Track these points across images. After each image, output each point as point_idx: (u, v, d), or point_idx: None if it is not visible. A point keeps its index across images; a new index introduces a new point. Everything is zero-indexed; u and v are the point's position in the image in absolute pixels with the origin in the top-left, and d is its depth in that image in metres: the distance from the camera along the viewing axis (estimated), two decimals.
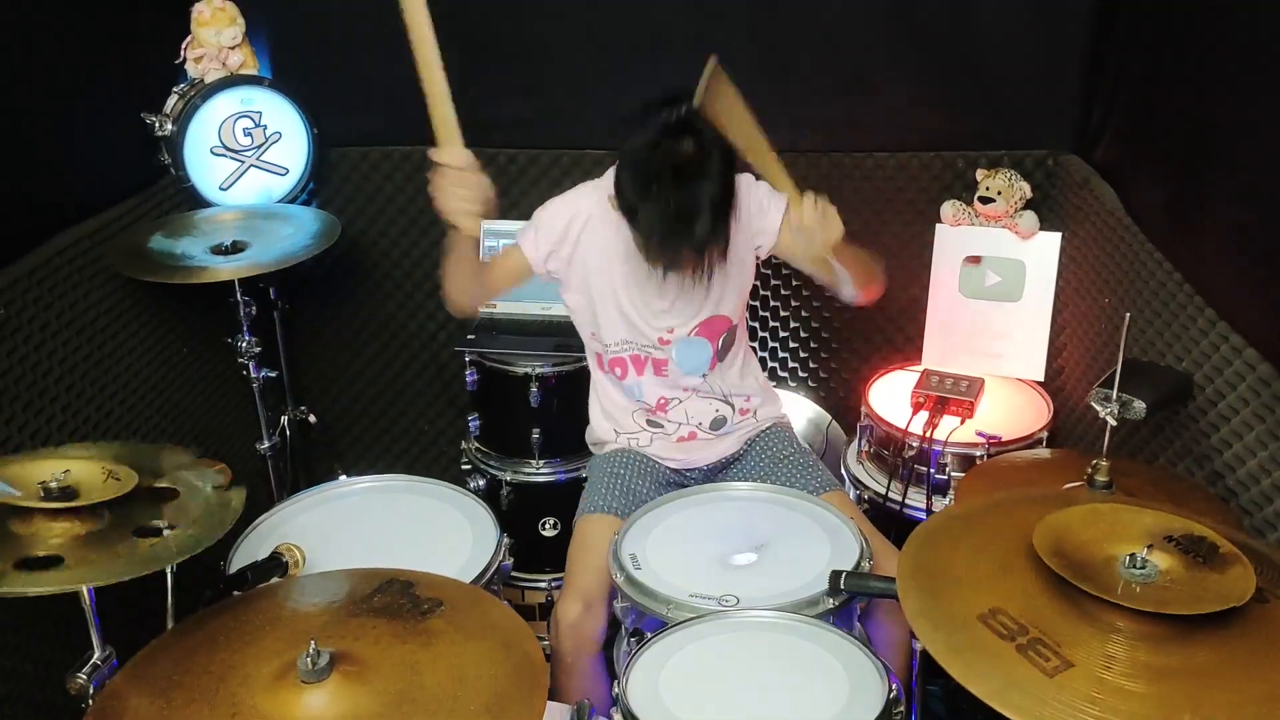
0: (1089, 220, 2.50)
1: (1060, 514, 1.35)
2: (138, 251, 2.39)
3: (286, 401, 3.03)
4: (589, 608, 2.01)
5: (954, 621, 1.27)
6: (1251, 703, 1.14)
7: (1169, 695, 1.15)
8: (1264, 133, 1.77)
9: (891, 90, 2.76)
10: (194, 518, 1.56)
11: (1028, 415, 2.57)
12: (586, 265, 2.17)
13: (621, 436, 2.32)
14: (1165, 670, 1.18)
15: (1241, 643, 1.20)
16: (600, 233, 2.14)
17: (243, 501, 1.60)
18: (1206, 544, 1.28)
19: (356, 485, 2.20)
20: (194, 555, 1.49)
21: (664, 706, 1.54)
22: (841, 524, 1.98)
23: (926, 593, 1.32)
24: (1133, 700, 1.15)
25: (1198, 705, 1.14)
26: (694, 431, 2.27)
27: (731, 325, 2.22)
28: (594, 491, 2.22)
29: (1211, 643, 1.20)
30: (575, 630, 2.00)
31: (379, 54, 2.86)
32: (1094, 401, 1.75)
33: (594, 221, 2.15)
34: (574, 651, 2.01)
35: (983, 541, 1.40)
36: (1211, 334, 1.83)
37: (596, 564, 2.00)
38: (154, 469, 1.66)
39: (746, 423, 2.31)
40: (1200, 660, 1.19)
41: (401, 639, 1.46)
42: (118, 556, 1.46)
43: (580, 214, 2.16)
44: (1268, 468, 1.62)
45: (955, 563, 1.37)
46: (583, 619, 2.00)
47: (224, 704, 1.35)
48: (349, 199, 3.01)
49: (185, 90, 2.66)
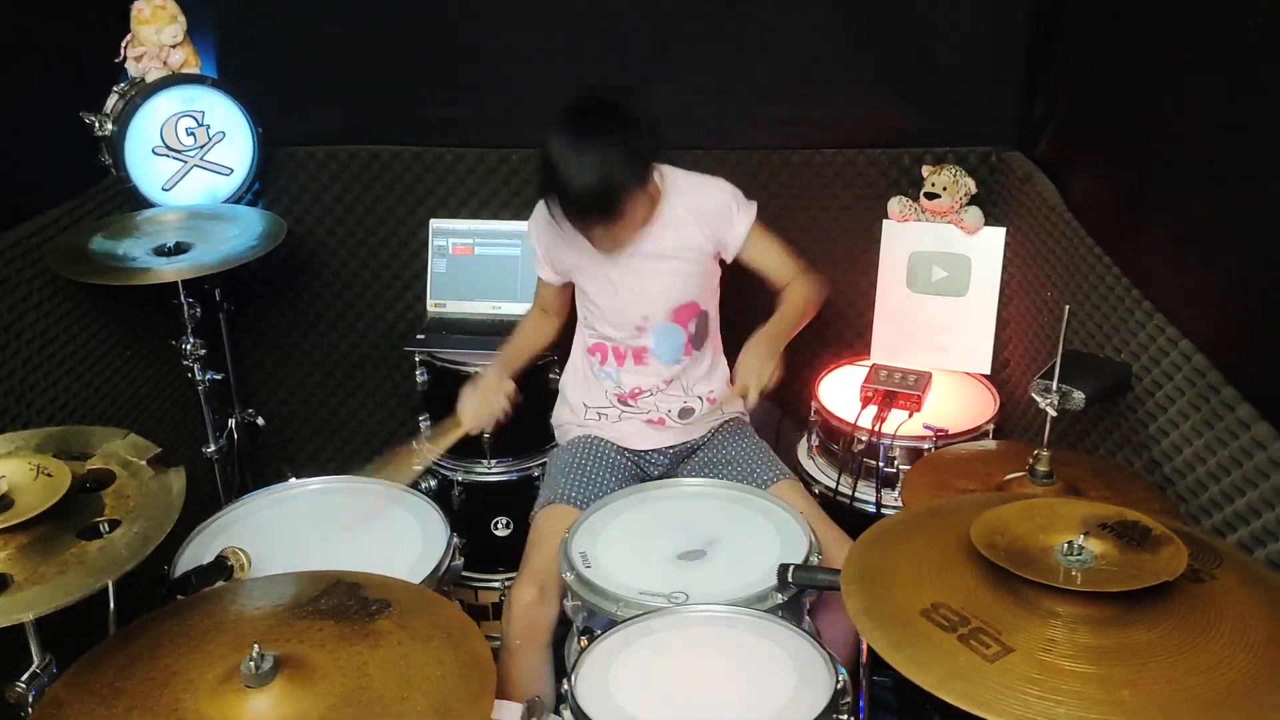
0: (1032, 215, 2.54)
1: (996, 510, 1.38)
2: (78, 253, 2.35)
3: (234, 404, 3.00)
4: (543, 593, 2.02)
5: (896, 618, 1.29)
6: (1189, 675, 1.17)
7: (1108, 674, 1.18)
8: (1200, 129, 1.81)
9: (839, 87, 2.78)
10: (136, 508, 1.52)
11: (974, 408, 2.60)
12: (570, 261, 2.29)
13: (590, 412, 2.35)
14: (1104, 650, 1.21)
15: (1177, 622, 1.24)
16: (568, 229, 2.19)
17: (183, 485, 1.56)
18: (1139, 528, 1.31)
19: (305, 487, 2.18)
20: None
21: (613, 702, 1.54)
22: (791, 518, 2.00)
23: (870, 594, 1.34)
24: (1073, 680, 1.17)
25: (1135, 682, 1.17)
26: (663, 418, 2.34)
27: (701, 311, 2.31)
28: (554, 482, 2.25)
29: (1148, 622, 1.23)
30: (527, 615, 2.01)
31: (326, 53, 2.86)
32: (1034, 393, 1.78)
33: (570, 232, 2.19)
34: (523, 637, 2.02)
35: (925, 545, 1.43)
36: (1149, 326, 1.86)
37: (554, 552, 2.01)
38: (83, 451, 1.63)
39: (712, 414, 2.37)
40: (1138, 640, 1.22)
41: (349, 641, 1.45)
42: (66, 566, 1.44)
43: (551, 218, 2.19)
44: (1202, 455, 1.65)
45: (899, 565, 1.39)
46: (536, 605, 2.01)
47: (167, 710, 1.34)
48: (296, 199, 2.98)
49: (126, 89, 2.62)
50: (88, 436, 1.66)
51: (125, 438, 1.63)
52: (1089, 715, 1.13)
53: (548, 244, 2.30)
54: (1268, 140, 1.59)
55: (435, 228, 2.91)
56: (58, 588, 1.39)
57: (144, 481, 1.55)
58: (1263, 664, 1.18)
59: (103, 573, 1.43)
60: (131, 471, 1.56)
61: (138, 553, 1.46)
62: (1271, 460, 1.45)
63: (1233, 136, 1.70)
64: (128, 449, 1.61)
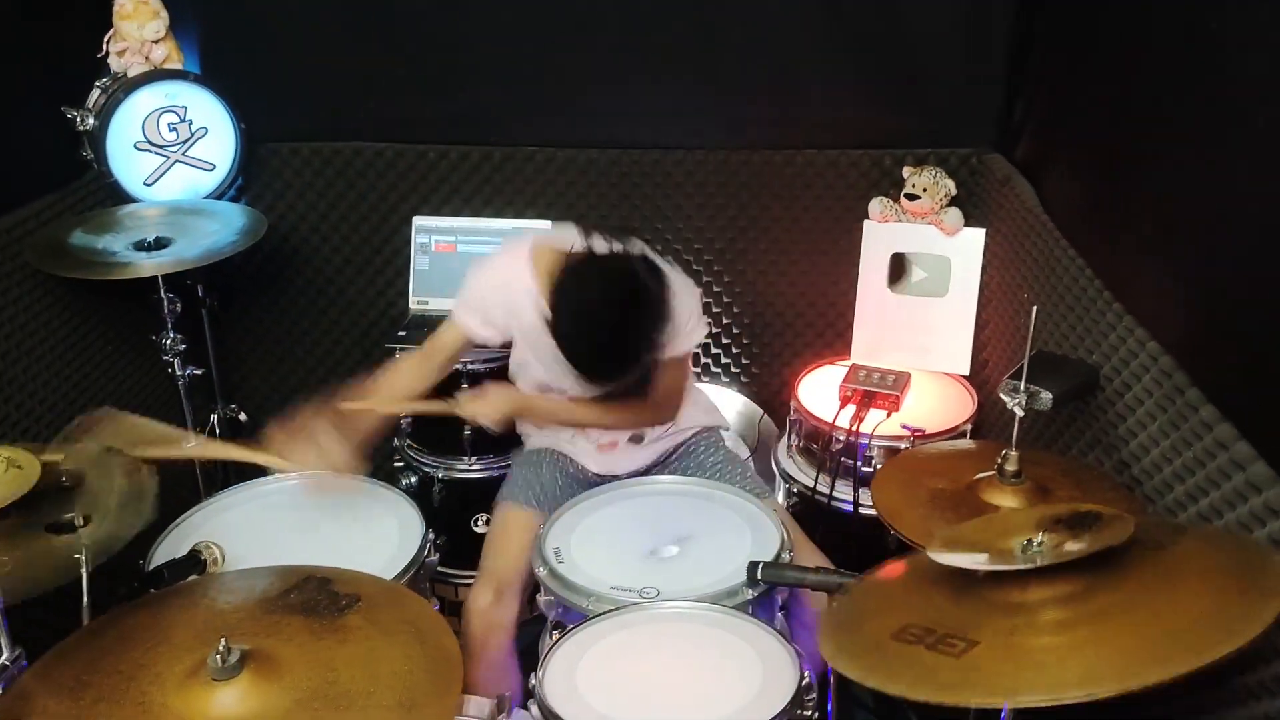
0: (1010, 217, 2.55)
1: (952, 529, 1.40)
2: (58, 248, 2.35)
3: (216, 400, 3.00)
4: (500, 595, 2.03)
5: (869, 646, 1.32)
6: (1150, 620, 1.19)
7: (1074, 639, 1.20)
8: (1173, 134, 1.82)
9: (820, 88, 2.80)
10: (105, 506, 1.53)
11: (952, 408, 2.62)
12: (514, 330, 2.16)
13: (546, 431, 2.33)
14: (1064, 624, 1.23)
15: (1139, 586, 1.25)
16: (532, 319, 2.06)
17: (155, 491, 1.57)
18: (1091, 515, 1.34)
19: (283, 483, 2.19)
20: None
21: (579, 696, 1.55)
22: (764, 515, 2.01)
23: (843, 636, 1.38)
24: (1035, 651, 1.20)
25: (1099, 640, 1.19)
26: (615, 441, 2.29)
27: None
28: (516, 482, 2.25)
29: (1111, 589, 1.24)
30: (485, 617, 2.02)
31: (310, 49, 2.86)
32: (1003, 393, 1.79)
33: (525, 308, 2.06)
34: (482, 638, 2.02)
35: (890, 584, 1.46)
36: (1119, 327, 1.88)
37: (513, 553, 2.02)
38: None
39: (666, 434, 2.32)
40: (1099, 603, 1.23)
41: (317, 635, 1.46)
42: (34, 558, 1.44)
43: (512, 290, 2.09)
44: (1169, 456, 1.66)
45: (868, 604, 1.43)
46: (494, 606, 2.02)
47: (133, 703, 1.34)
48: (279, 195, 2.98)
49: (108, 84, 2.62)
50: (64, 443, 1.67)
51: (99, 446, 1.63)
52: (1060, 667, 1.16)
53: (492, 306, 2.12)
54: (1234, 146, 1.61)
55: (418, 225, 2.92)
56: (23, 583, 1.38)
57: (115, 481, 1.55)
58: (1222, 594, 1.20)
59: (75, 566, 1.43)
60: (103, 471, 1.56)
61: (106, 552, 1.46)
62: (1234, 461, 1.47)
63: (1201, 141, 1.71)
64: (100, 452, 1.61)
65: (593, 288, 1.88)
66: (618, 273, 1.90)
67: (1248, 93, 1.57)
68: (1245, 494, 1.44)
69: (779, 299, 2.99)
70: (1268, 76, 1.52)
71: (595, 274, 1.90)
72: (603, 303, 1.86)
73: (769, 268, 2.95)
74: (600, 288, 1.88)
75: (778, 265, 2.95)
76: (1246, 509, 1.43)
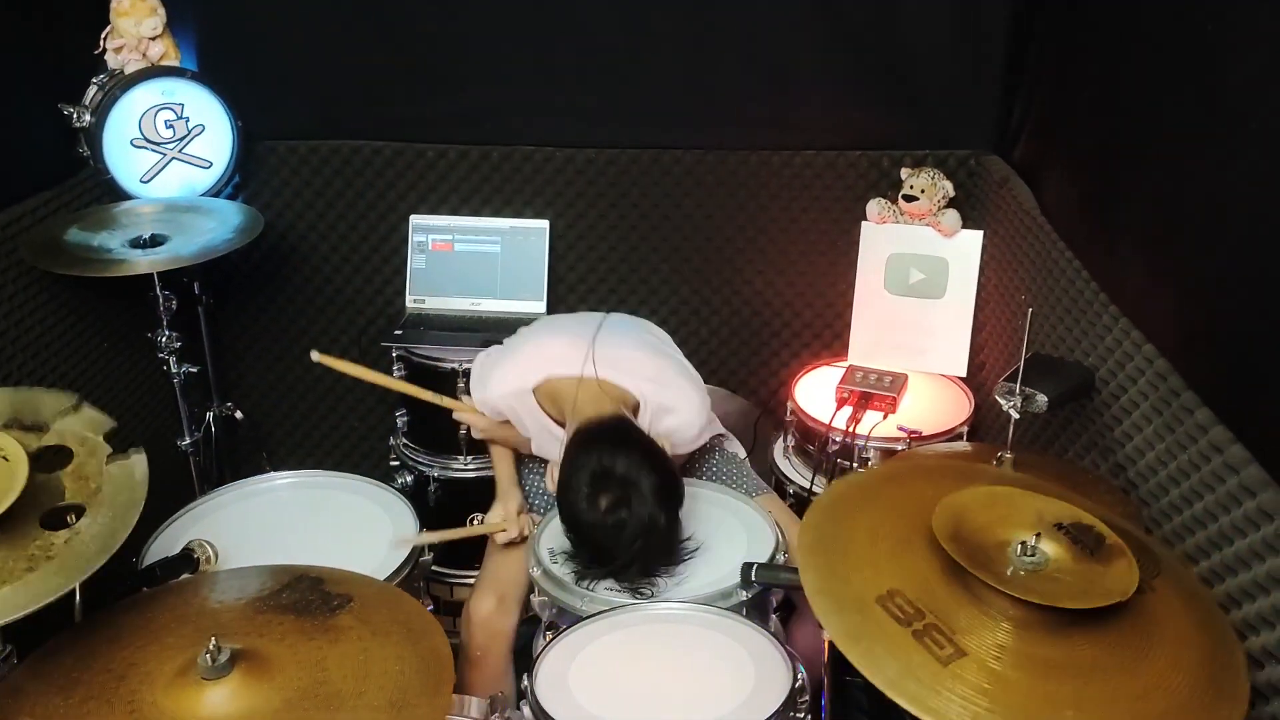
0: (1008, 219, 2.55)
1: (958, 495, 1.37)
2: (53, 244, 2.34)
3: (212, 398, 2.99)
4: (502, 602, 2.02)
5: (852, 603, 1.28)
6: (1126, 699, 1.19)
7: (1055, 691, 1.19)
8: (1170, 137, 1.82)
9: (819, 89, 2.79)
10: (99, 491, 1.50)
11: (949, 410, 2.61)
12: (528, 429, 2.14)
13: None
14: (1050, 663, 1.22)
15: (1121, 637, 1.25)
16: (539, 431, 2.09)
17: (145, 469, 1.55)
18: (1094, 533, 1.32)
19: (278, 481, 2.18)
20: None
21: (572, 698, 1.55)
22: (759, 517, 2.00)
23: (826, 572, 1.33)
24: (1019, 693, 1.18)
25: (1080, 701, 1.18)
26: None
27: None
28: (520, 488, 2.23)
29: (1093, 635, 1.24)
30: (486, 625, 2.01)
31: (308, 47, 2.85)
32: (998, 395, 1.79)
33: (533, 419, 2.08)
34: (484, 647, 2.02)
35: (882, 515, 1.42)
36: (1115, 330, 1.87)
37: (513, 559, 2.01)
38: (35, 421, 1.60)
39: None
40: (1083, 654, 1.23)
41: (308, 635, 1.46)
42: (33, 563, 1.41)
43: (508, 407, 2.10)
44: (1164, 460, 1.66)
45: (856, 538, 1.38)
46: (495, 614, 2.01)
47: (123, 701, 1.35)
48: (276, 193, 2.97)
49: (105, 81, 2.61)
50: (37, 404, 1.62)
51: (77, 409, 1.60)
52: None
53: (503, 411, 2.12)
54: (1230, 149, 1.60)
55: (415, 223, 2.91)
56: (25, 590, 1.36)
57: (103, 460, 1.53)
58: (1192, 693, 1.20)
59: (73, 571, 1.40)
60: (89, 449, 1.54)
61: (109, 549, 1.45)
62: (1228, 464, 1.46)
63: (1198, 144, 1.71)
64: (83, 424, 1.58)
65: (594, 494, 1.76)
66: (613, 475, 1.77)
67: (1244, 95, 1.57)
68: (1239, 497, 1.44)
69: (777, 299, 2.98)
70: (1263, 79, 1.51)
71: (593, 477, 1.77)
72: (603, 513, 1.75)
73: (767, 268, 2.95)
74: (600, 491, 1.76)
75: (775, 265, 2.95)
76: (1240, 512, 1.43)
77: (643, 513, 1.72)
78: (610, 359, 1.98)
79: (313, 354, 2.09)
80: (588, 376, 1.95)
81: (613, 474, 1.74)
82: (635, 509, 1.72)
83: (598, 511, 1.73)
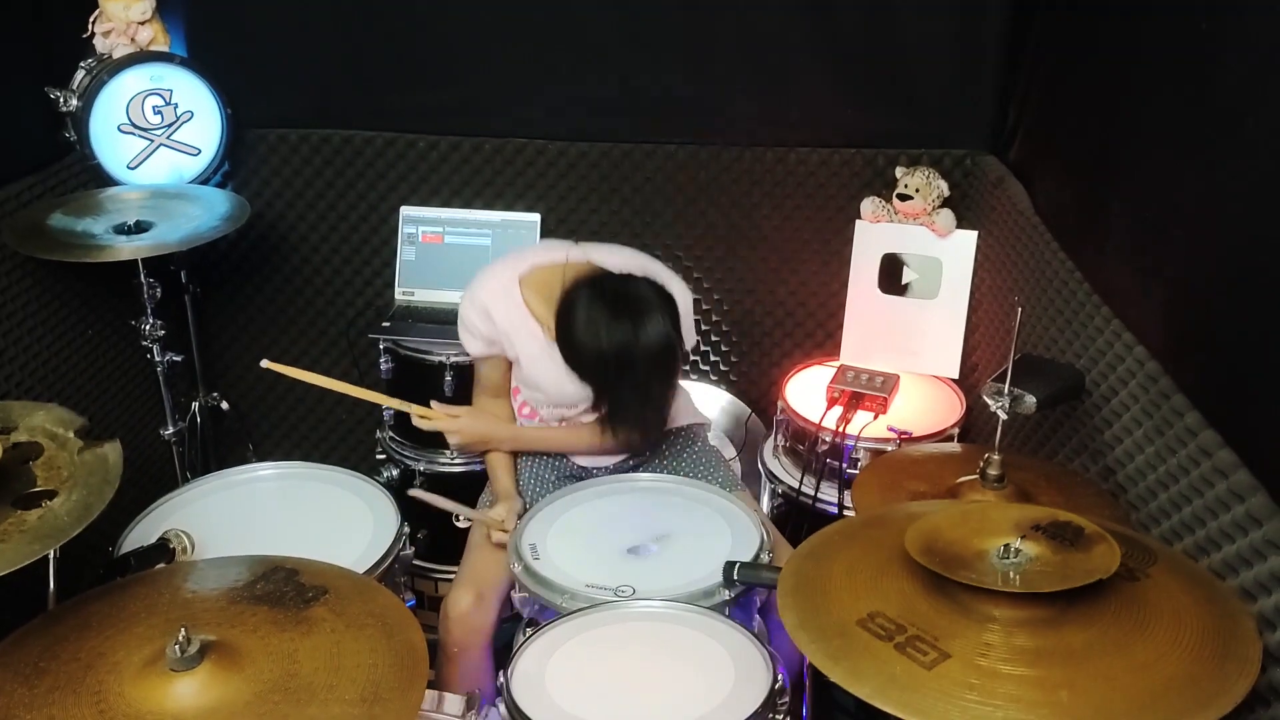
0: (1002, 219, 2.53)
1: (929, 517, 1.38)
2: (36, 229, 2.32)
3: (198, 387, 2.97)
4: (480, 599, 2.00)
5: (832, 629, 1.28)
6: (1125, 673, 1.17)
7: (1045, 675, 1.18)
8: (1164, 139, 1.80)
9: (813, 87, 2.77)
10: (70, 478, 1.48)
11: (941, 411, 2.59)
12: (517, 357, 2.16)
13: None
14: (1041, 652, 1.21)
15: (1113, 621, 1.24)
16: (529, 348, 2.11)
17: (120, 455, 1.53)
18: (1072, 527, 1.32)
19: (261, 471, 2.16)
20: (80, 536, 1.43)
21: (547, 695, 1.53)
22: (744, 515, 1.98)
23: (805, 606, 1.33)
24: (1010, 683, 1.17)
25: (1073, 682, 1.17)
26: None
27: None
28: None
29: (1084, 622, 1.23)
30: (464, 621, 1.99)
31: (299, 35, 2.83)
32: (986, 396, 1.76)
33: (521, 336, 2.10)
34: (461, 643, 2.00)
35: (861, 554, 1.42)
36: (1106, 332, 1.85)
37: (494, 555, 1.98)
38: (4, 425, 1.59)
39: None
40: (1074, 640, 1.22)
41: (281, 627, 1.43)
42: (5, 536, 1.40)
43: (500, 320, 2.10)
44: (1153, 463, 1.64)
45: (833, 575, 1.38)
46: (473, 610, 1.99)
47: (89, 691, 1.32)
48: (265, 182, 2.95)
49: (92, 65, 2.59)
50: (7, 411, 1.62)
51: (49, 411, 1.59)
52: (1027, 717, 1.13)
53: (490, 332, 2.13)
54: (1224, 151, 1.58)
55: (405, 215, 2.89)
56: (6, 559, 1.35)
57: (74, 453, 1.51)
58: (1196, 660, 1.18)
59: (47, 539, 1.39)
60: (59, 443, 1.52)
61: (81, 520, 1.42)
62: (1216, 468, 1.44)
63: (1187, 148, 1.69)
64: (53, 422, 1.57)
65: (601, 310, 1.84)
66: (624, 293, 1.87)
67: (1236, 98, 1.55)
68: (1228, 502, 1.41)
69: (769, 297, 2.96)
70: (1256, 81, 1.50)
71: (601, 294, 1.86)
72: (613, 325, 1.83)
73: (759, 265, 2.93)
74: (610, 309, 1.84)
75: (768, 263, 2.92)
76: (1229, 517, 1.41)
77: (660, 328, 1.83)
78: (594, 251, 2.08)
79: (263, 362, 2.07)
80: (574, 259, 2.01)
81: (628, 295, 1.85)
82: (651, 323, 1.82)
83: (618, 327, 1.82)
